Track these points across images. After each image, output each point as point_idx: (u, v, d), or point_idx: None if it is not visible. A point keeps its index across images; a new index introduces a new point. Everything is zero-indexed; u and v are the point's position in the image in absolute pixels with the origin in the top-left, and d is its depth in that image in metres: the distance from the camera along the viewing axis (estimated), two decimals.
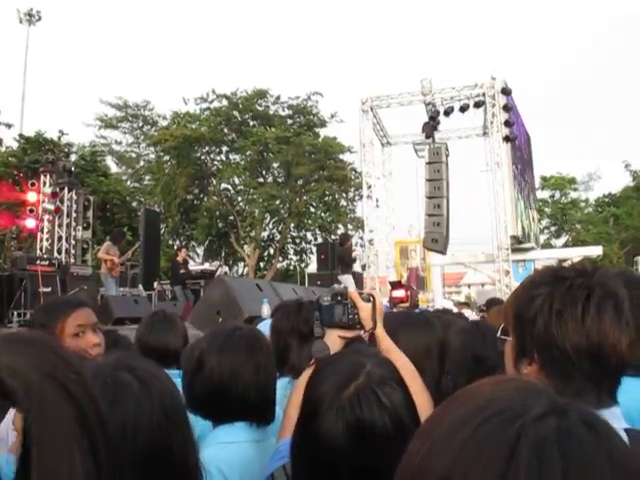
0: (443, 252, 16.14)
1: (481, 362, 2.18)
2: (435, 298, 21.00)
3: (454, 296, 53.97)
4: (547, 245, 32.10)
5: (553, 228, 37.78)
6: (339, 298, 1.61)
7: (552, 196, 37.79)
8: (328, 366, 1.17)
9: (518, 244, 17.19)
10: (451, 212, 15.59)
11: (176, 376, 1.61)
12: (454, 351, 2.22)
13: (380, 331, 1.61)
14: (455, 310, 7.67)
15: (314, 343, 1.56)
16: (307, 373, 1.55)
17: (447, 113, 16.84)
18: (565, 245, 33.70)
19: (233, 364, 1.64)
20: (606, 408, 1.13)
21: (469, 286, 57.56)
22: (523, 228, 18.30)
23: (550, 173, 37.32)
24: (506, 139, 16.27)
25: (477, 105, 16.82)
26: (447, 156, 15.74)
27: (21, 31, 44.54)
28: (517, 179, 17.98)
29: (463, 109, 16.86)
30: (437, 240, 15.27)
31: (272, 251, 32.91)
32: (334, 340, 1.59)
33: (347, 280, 12.01)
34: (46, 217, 14.86)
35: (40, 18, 35.81)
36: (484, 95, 16.57)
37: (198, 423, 1.54)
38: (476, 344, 2.27)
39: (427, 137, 16.92)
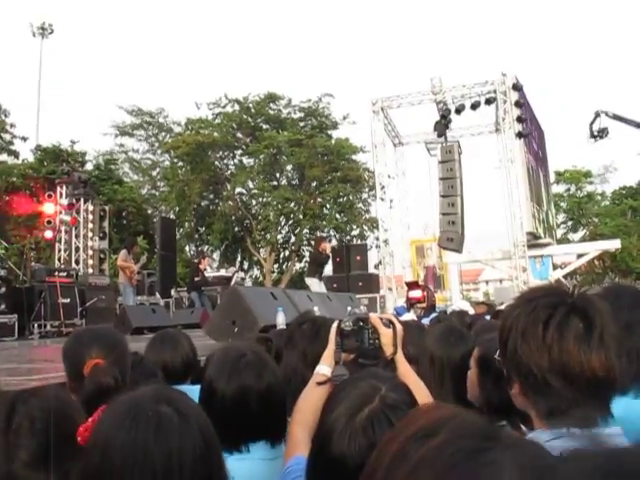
0: (459, 251, 16.10)
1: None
2: (453, 297, 20.89)
3: (472, 293, 53.75)
4: (564, 240, 31.70)
5: (570, 222, 37.34)
6: (361, 324, 1.61)
7: (568, 190, 37.35)
8: (344, 390, 1.18)
9: (535, 240, 17.05)
10: (466, 210, 15.54)
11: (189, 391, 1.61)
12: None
13: (399, 355, 1.61)
14: (472, 311, 7.57)
15: (335, 368, 1.57)
16: (307, 391, 1.58)
17: (458, 111, 16.77)
18: (582, 239, 33.28)
19: (241, 390, 1.64)
20: (592, 428, 1.11)
21: (487, 282, 57.35)
22: (540, 224, 18.11)
23: (565, 167, 36.95)
24: (519, 135, 16.12)
25: (488, 102, 16.73)
26: (460, 154, 15.70)
27: (34, 44, 45.17)
28: (531, 175, 17.81)
29: (474, 106, 16.78)
30: (452, 239, 15.24)
31: (288, 254, 32.99)
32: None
33: (312, 283, 11.66)
34: (63, 228, 15.02)
35: (52, 31, 36.30)
36: (495, 92, 16.48)
37: None
38: None
39: (439, 136, 16.84)
